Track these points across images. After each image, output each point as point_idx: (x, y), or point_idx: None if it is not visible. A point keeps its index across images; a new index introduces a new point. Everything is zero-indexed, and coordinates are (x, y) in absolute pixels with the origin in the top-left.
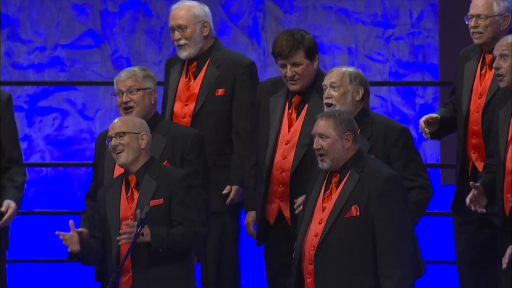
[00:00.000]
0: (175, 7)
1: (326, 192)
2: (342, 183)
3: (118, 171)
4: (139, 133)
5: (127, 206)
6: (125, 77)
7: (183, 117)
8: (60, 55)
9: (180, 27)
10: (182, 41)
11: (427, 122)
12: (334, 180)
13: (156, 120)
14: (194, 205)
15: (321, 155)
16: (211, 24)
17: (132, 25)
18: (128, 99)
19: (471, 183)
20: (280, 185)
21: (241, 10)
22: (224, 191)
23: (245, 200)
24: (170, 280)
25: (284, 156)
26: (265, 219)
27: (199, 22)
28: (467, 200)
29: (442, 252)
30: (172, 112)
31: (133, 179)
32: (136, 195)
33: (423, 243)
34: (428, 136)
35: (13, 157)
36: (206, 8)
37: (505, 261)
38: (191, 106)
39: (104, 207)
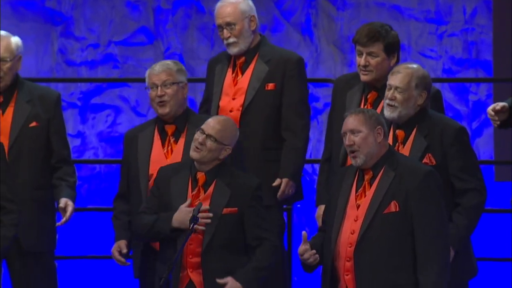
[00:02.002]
0: (220, 4)
1: (359, 190)
2: (376, 180)
3: (153, 165)
4: (226, 145)
5: (192, 203)
6: (159, 71)
7: (230, 111)
8: (113, 52)
9: (229, 25)
10: (231, 39)
11: (495, 111)
12: (367, 177)
13: (188, 114)
14: (266, 214)
15: (353, 151)
16: (257, 18)
17: (184, 22)
18: (163, 93)
19: None
20: None
21: (294, 7)
22: (275, 183)
23: (317, 194)
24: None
25: None
26: None
27: (246, 18)
28: None
29: (496, 249)
30: (218, 106)
31: (202, 178)
32: (202, 195)
33: (477, 241)
34: (497, 123)
35: (63, 157)
36: (251, 2)
37: None
38: (240, 100)
39: (168, 196)
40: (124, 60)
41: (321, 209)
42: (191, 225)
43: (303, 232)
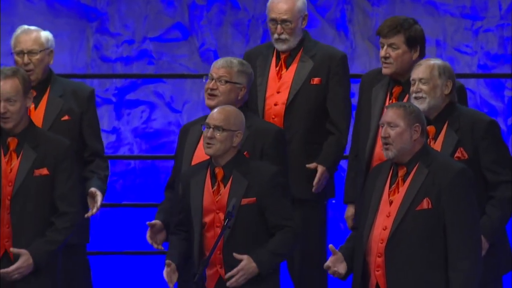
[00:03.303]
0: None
1: (392, 186)
2: (410, 176)
3: (196, 159)
4: (235, 131)
5: (212, 199)
6: (220, 65)
7: (275, 104)
8: (148, 48)
9: (284, 22)
10: (284, 36)
11: None
12: (401, 173)
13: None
14: (287, 202)
15: (387, 144)
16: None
17: (219, 18)
18: (215, 87)
19: None
20: None
21: (329, 3)
22: (311, 165)
23: (345, 191)
24: (261, 277)
25: None
26: None
27: (301, 16)
28: None
29: None
30: (265, 97)
31: (220, 172)
32: (222, 189)
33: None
34: None
35: (95, 150)
36: (305, 0)
37: None
38: (284, 94)
39: (188, 197)
40: (159, 56)
41: (349, 209)
42: (226, 222)
43: (330, 246)
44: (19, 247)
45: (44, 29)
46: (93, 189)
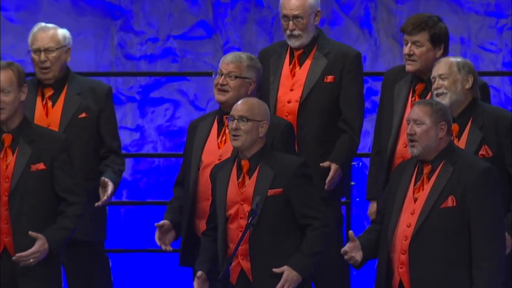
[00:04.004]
0: None
1: (417, 183)
2: (435, 174)
3: (206, 154)
4: (260, 121)
5: (237, 191)
6: (229, 61)
7: (288, 102)
8: (172, 46)
9: (296, 18)
10: (296, 32)
11: None
12: (426, 171)
13: None
14: (313, 191)
15: (412, 141)
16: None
17: (243, 15)
18: (225, 83)
19: None
20: None
21: (353, 1)
22: (324, 164)
23: (367, 188)
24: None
25: (406, 144)
26: None
27: (313, 13)
28: None
29: None
30: (276, 98)
31: (246, 165)
32: (247, 181)
33: None
34: None
35: (112, 148)
36: None
37: None
38: (298, 92)
39: (214, 190)
40: (183, 54)
41: (373, 206)
42: (250, 219)
43: (350, 232)
44: (19, 242)
45: (69, 27)
46: (105, 179)
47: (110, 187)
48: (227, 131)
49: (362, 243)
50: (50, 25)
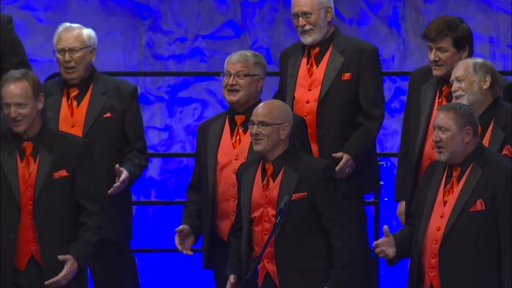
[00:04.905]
0: None
1: (447, 186)
2: (464, 177)
3: (221, 155)
4: (281, 124)
5: (262, 194)
6: (236, 60)
7: (307, 102)
8: (200, 45)
9: (305, 14)
10: (307, 27)
11: None
12: (455, 173)
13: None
14: (338, 195)
15: (439, 147)
16: (333, 9)
17: (271, 15)
18: (235, 82)
19: None
20: None
21: (381, 0)
22: (336, 154)
23: (396, 189)
24: (313, 273)
25: (433, 146)
26: None
27: (323, 8)
28: None
29: None
30: (292, 97)
31: (270, 168)
32: (272, 184)
33: None
34: None
35: (136, 147)
36: None
37: None
38: (316, 91)
39: (240, 190)
40: (211, 54)
41: (402, 205)
42: (278, 219)
43: (385, 226)
44: (45, 250)
45: (97, 27)
46: (119, 167)
47: (124, 174)
48: (240, 130)
49: (396, 240)
50: (75, 25)
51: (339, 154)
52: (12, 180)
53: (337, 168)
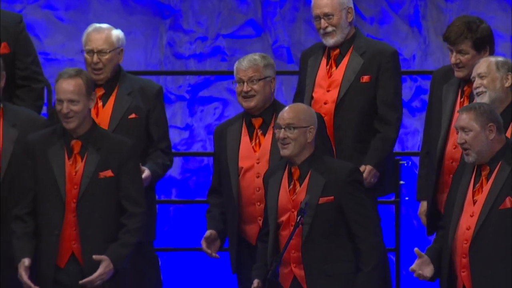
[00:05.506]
0: None
1: (476, 185)
2: (493, 175)
3: (242, 159)
4: (308, 127)
5: (289, 198)
6: (246, 67)
7: (325, 103)
8: (221, 45)
9: (326, 15)
10: (329, 28)
11: None
12: (484, 172)
13: (275, 106)
14: (365, 198)
15: (465, 149)
16: (353, 10)
17: (292, 14)
18: (249, 89)
19: None
20: (451, 175)
21: None
22: (361, 168)
23: (417, 188)
24: (340, 276)
25: (455, 145)
26: (436, 209)
27: (344, 9)
28: None
29: None
30: (311, 98)
31: (296, 172)
32: (298, 188)
33: None
34: None
35: (160, 147)
36: None
37: None
38: (334, 92)
39: (267, 195)
40: (232, 53)
41: (423, 206)
42: (298, 218)
43: (415, 249)
44: (86, 249)
45: (118, 26)
46: (142, 166)
47: (145, 172)
48: (259, 133)
49: (431, 256)
50: (104, 25)
51: (362, 169)
52: (58, 177)
53: None
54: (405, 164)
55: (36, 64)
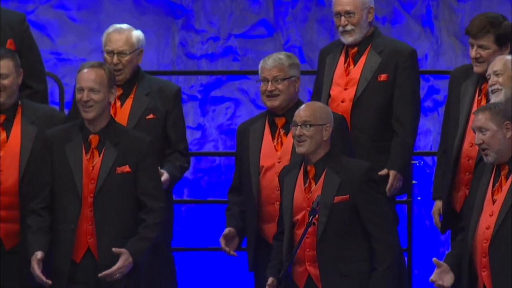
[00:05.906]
0: None
1: (495, 185)
2: None
3: (263, 158)
4: (324, 125)
5: (304, 197)
6: (271, 66)
7: (342, 101)
8: (233, 44)
9: (348, 13)
10: (349, 27)
11: None
12: (503, 172)
13: (299, 106)
14: (380, 197)
15: (484, 149)
16: (374, 10)
17: (304, 14)
18: (273, 88)
19: None
20: (467, 173)
21: None
22: (382, 172)
23: (433, 187)
24: (355, 276)
25: (472, 143)
26: (451, 208)
27: (365, 8)
28: None
29: None
30: (328, 96)
31: (312, 170)
32: (314, 187)
33: None
34: None
35: (178, 149)
36: None
37: None
38: (351, 90)
39: (282, 193)
40: (244, 53)
41: (437, 205)
42: (310, 218)
43: (434, 259)
44: (102, 244)
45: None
46: (160, 169)
47: (164, 176)
48: (282, 132)
49: (450, 263)
50: (124, 26)
51: (384, 172)
52: (75, 171)
53: (387, 188)
54: (417, 164)
55: (40, 63)
